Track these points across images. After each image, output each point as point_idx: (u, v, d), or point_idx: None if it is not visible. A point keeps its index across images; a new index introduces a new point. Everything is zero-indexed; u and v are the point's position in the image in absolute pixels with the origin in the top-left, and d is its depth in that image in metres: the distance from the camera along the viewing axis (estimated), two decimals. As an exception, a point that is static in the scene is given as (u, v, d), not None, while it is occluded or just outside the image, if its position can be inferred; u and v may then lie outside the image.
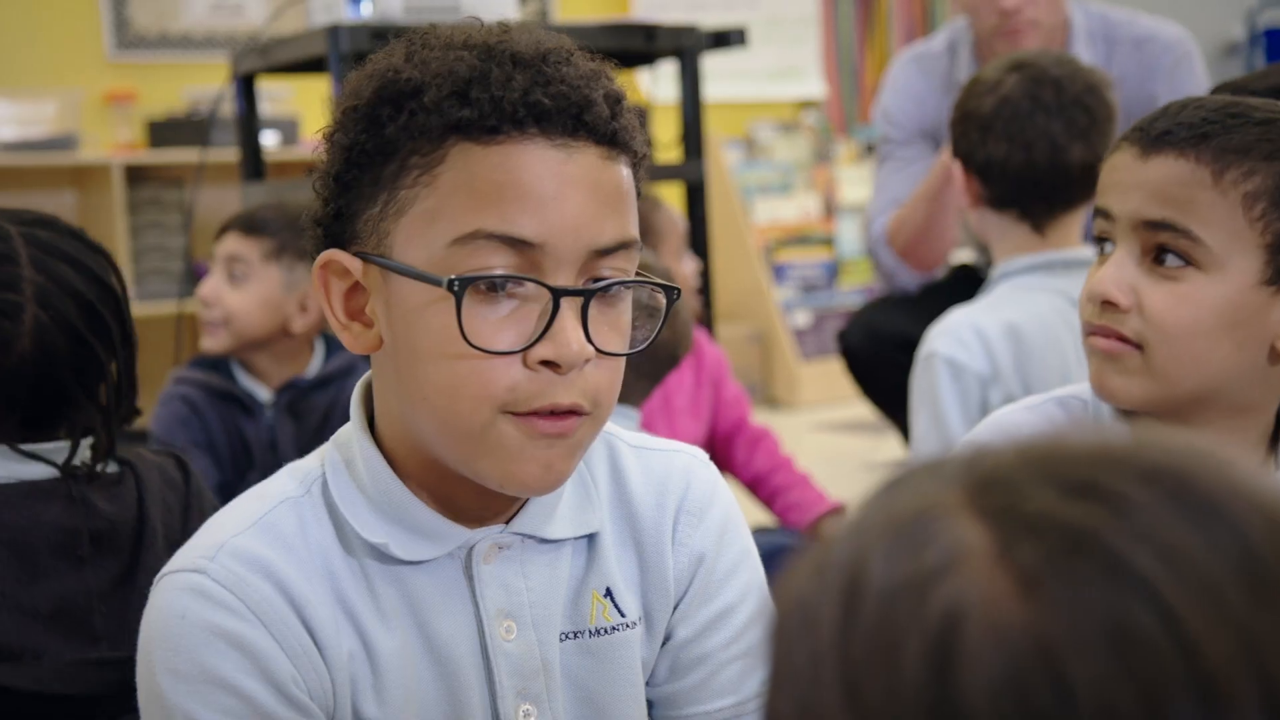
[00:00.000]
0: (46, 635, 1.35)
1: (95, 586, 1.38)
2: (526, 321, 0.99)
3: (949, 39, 3.15)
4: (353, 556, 1.05)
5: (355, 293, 1.05)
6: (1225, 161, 1.21)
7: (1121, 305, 1.26)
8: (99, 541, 1.40)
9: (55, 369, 1.40)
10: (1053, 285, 2.08)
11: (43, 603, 1.36)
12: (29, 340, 1.38)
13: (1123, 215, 1.26)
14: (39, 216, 1.45)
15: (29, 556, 1.36)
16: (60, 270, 1.41)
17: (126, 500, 1.43)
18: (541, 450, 1.01)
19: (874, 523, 0.52)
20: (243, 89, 3.27)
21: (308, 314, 2.52)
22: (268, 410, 2.56)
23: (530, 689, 1.08)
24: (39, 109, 4.60)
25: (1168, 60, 2.97)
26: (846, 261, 6.00)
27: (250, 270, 2.51)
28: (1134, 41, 2.99)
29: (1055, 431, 0.53)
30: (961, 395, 2.02)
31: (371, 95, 1.01)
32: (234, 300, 2.52)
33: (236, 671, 0.99)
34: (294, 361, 2.58)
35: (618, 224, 1.01)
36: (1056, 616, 0.46)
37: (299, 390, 2.56)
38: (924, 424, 2.05)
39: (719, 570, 1.14)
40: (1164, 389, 1.26)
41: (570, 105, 0.99)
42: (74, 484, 1.40)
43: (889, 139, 3.18)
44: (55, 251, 1.42)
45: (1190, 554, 0.47)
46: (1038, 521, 0.49)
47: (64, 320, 1.40)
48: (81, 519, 1.39)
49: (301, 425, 2.53)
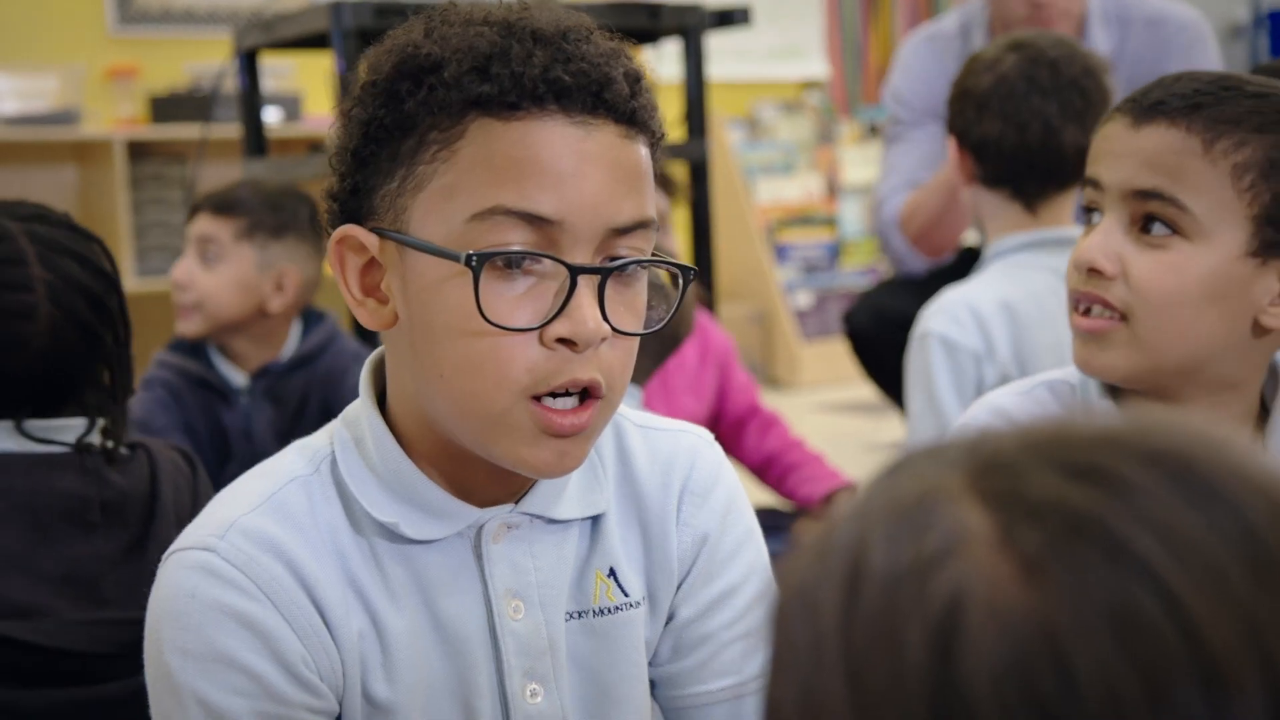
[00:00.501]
0: (55, 598, 1.37)
1: (105, 554, 1.41)
2: (543, 299, 0.99)
3: (962, 20, 3.12)
4: (362, 536, 1.05)
5: (371, 269, 1.05)
6: (1216, 132, 1.22)
7: (1107, 272, 1.26)
8: (110, 510, 1.43)
9: (68, 361, 1.43)
10: (1046, 263, 2.09)
11: (52, 566, 1.38)
12: (45, 338, 1.41)
13: (1112, 184, 1.27)
14: (35, 210, 1.47)
15: (40, 521, 1.39)
16: (66, 265, 1.43)
17: (139, 474, 1.46)
18: (556, 439, 1.01)
19: (876, 507, 0.52)
20: (245, 65, 3.26)
21: (284, 293, 2.48)
22: (243, 397, 2.52)
23: (537, 668, 1.08)
24: (41, 84, 4.59)
25: (1182, 40, 2.96)
26: (848, 242, 6.00)
27: (223, 251, 2.46)
28: (1147, 21, 2.98)
29: (1057, 416, 0.53)
30: (956, 373, 2.02)
31: (391, 70, 1.01)
32: (207, 282, 2.46)
33: (246, 651, 0.99)
34: (271, 342, 2.53)
35: (636, 203, 1.01)
36: (1059, 601, 0.46)
37: (274, 375, 2.52)
38: (919, 403, 2.06)
39: (722, 550, 1.15)
40: (1149, 360, 1.27)
41: (590, 83, 0.99)
42: (87, 456, 1.43)
43: (899, 120, 3.16)
44: (59, 247, 1.44)
45: (1192, 537, 0.47)
46: (1039, 506, 0.49)
47: (74, 314, 1.43)
48: (93, 488, 1.42)
49: (279, 409, 2.49)
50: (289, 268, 2.47)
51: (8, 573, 1.36)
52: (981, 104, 2.10)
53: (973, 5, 3.13)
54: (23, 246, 1.41)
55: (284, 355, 2.54)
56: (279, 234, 2.46)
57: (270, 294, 2.48)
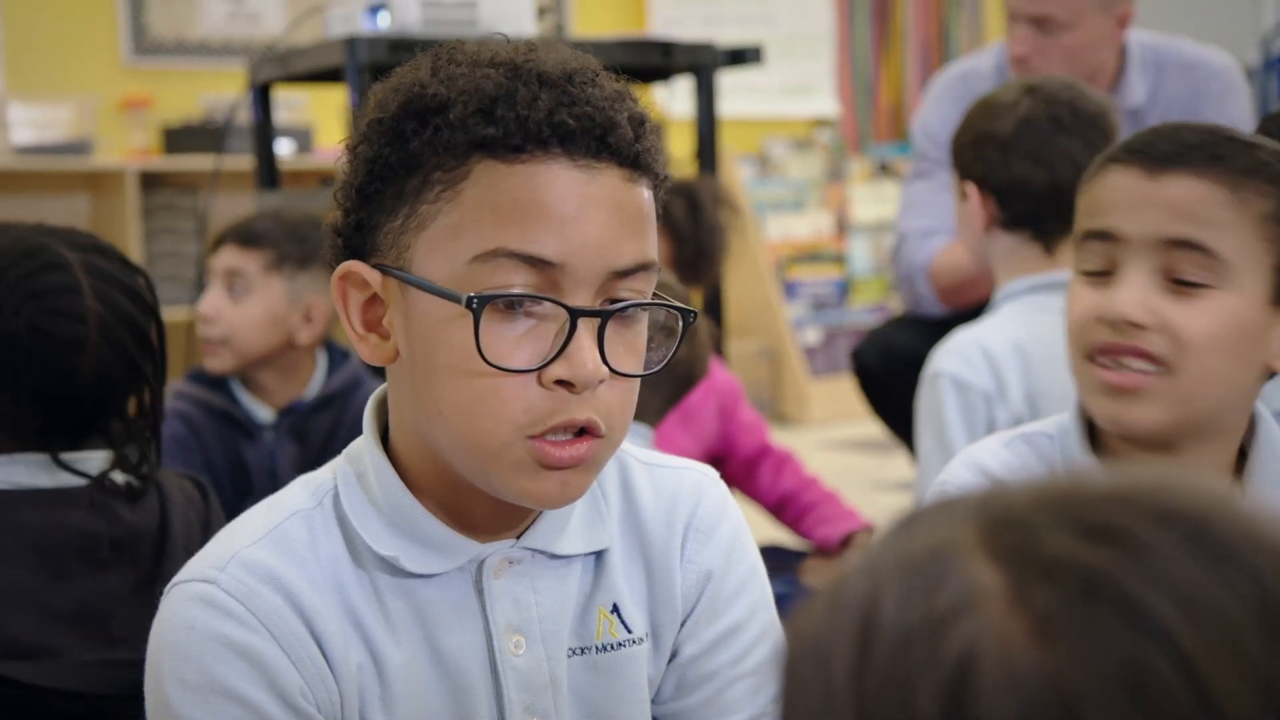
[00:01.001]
0: (65, 636, 1.37)
1: (115, 591, 1.40)
2: (543, 340, 1.00)
3: (997, 60, 3.09)
4: (363, 569, 1.06)
5: (373, 304, 1.05)
6: (1240, 181, 1.23)
7: (1145, 325, 1.26)
8: (119, 548, 1.42)
9: (111, 393, 1.44)
10: (1058, 305, 2.09)
11: (63, 604, 1.38)
12: (91, 371, 1.42)
13: (1136, 235, 1.26)
14: (90, 240, 1.47)
15: (51, 558, 1.39)
16: (117, 299, 1.44)
17: (149, 510, 1.46)
18: (555, 472, 1.01)
19: (887, 561, 0.52)
20: (259, 97, 3.28)
21: (312, 325, 2.44)
22: (268, 433, 2.48)
23: (538, 704, 1.08)
24: (55, 113, 4.61)
25: (1216, 87, 2.96)
26: (858, 280, 6.01)
27: (251, 284, 2.41)
28: (1182, 65, 2.98)
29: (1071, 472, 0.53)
30: (967, 413, 2.02)
31: (397, 109, 1.01)
32: (236, 316, 2.42)
33: (244, 682, 0.99)
34: (297, 376, 2.50)
35: (637, 246, 1.02)
36: (1072, 662, 0.46)
37: (300, 412, 2.48)
38: (929, 442, 2.05)
39: (727, 588, 1.15)
40: (1185, 412, 1.26)
41: (594, 126, 0.99)
42: (97, 492, 1.42)
43: (927, 156, 3.14)
44: (111, 279, 1.44)
45: (1207, 599, 0.47)
46: (1052, 564, 0.48)
47: (121, 349, 1.43)
48: (103, 525, 1.42)
49: (304, 447, 2.46)
50: (316, 298, 2.43)
51: (17, 611, 1.36)
52: (1006, 146, 2.11)
53: (1005, 45, 3.13)
54: (78, 277, 1.42)
55: (310, 391, 2.50)
56: (305, 264, 2.42)
57: (299, 326, 2.44)
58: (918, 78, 6.59)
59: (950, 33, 6.65)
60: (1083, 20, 2.84)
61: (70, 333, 1.40)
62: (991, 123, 2.14)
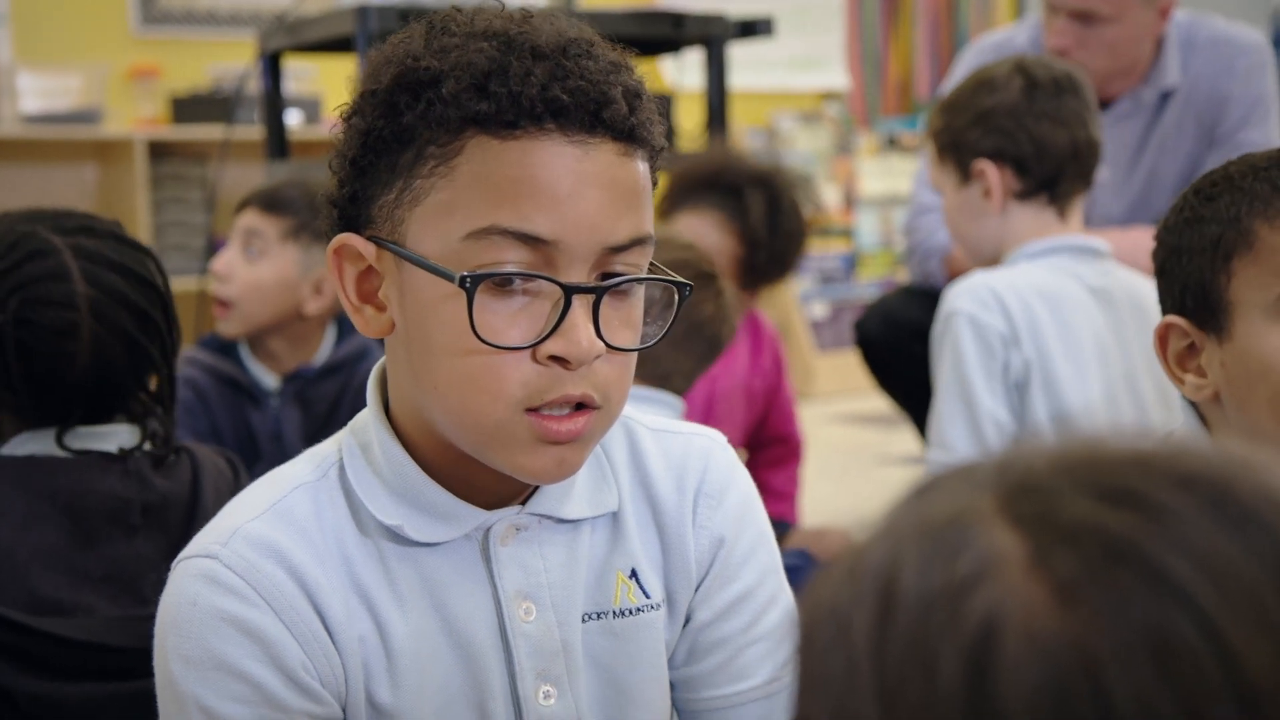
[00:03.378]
0: (96, 596, 1.39)
1: (146, 555, 1.42)
2: (538, 317, 1.00)
3: (1032, 35, 3.05)
4: (368, 540, 1.06)
5: (369, 276, 1.06)
6: None
7: None
8: (151, 513, 1.44)
9: (113, 374, 1.45)
10: (1070, 268, 2.13)
11: (95, 566, 1.40)
12: (88, 354, 1.42)
13: None
14: (81, 222, 1.47)
15: (83, 522, 1.40)
16: (110, 280, 1.44)
17: (181, 478, 1.48)
18: (553, 446, 1.01)
19: (907, 528, 0.52)
20: (268, 67, 3.27)
21: (322, 297, 2.47)
22: (274, 399, 2.51)
23: (550, 670, 1.08)
24: (64, 82, 4.60)
25: (1243, 63, 2.93)
26: (865, 254, 5.99)
27: (267, 247, 2.46)
28: (1211, 41, 2.95)
29: (1090, 437, 0.53)
30: (984, 352, 2.05)
31: (390, 81, 1.01)
32: (248, 276, 2.46)
33: (246, 658, 1.00)
34: (306, 345, 2.53)
35: (632, 220, 1.01)
36: (1095, 627, 0.46)
37: (306, 379, 2.51)
38: (947, 380, 2.08)
39: (738, 553, 1.15)
40: None
41: (588, 102, 0.99)
42: (130, 459, 1.44)
43: None
44: (103, 260, 1.44)
45: (1230, 562, 0.47)
46: (1073, 530, 0.48)
47: (118, 329, 1.44)
48: (135, 490, 1.43)
49: (308, 414, 2.48)
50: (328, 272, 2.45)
51: (51, 571, 1.38)
52: (1017, 114, 2.14)
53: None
54: (66, 262, 1.42)
55: (317, 360, 2.53)
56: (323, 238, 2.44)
57: (308, 297, 2.47)
58: (927, 52, 6.56)
59: (960, 7, 6.62)
60: (1126, 13, 2.80)
61: (61, 320, 1.41)
62: (994, 95, 2.16)
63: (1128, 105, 2.93)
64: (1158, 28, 2.88)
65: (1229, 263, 1.24)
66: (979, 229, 2.22)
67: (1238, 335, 1.25)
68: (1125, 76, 2.90)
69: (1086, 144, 2.16)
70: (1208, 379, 1.28)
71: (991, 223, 2.19)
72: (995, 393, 2.06)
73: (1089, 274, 2.13)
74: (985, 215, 2.18)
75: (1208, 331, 1.27)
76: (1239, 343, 1.25)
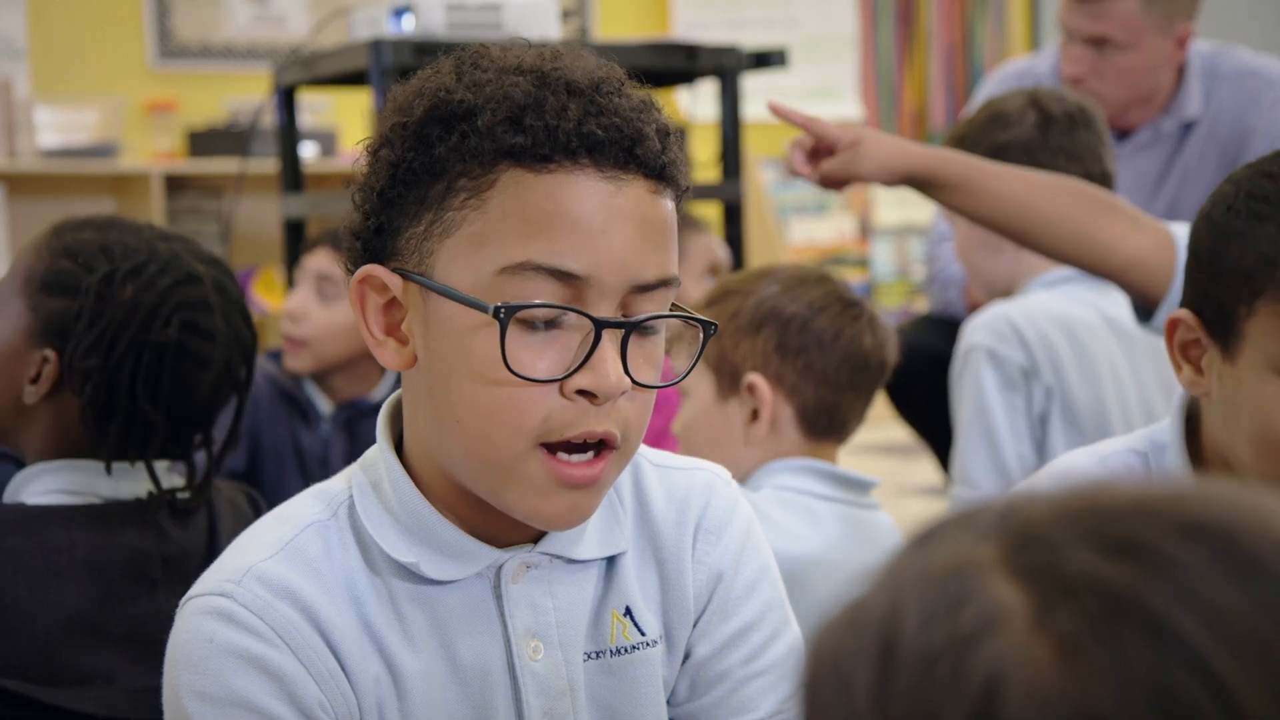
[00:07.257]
0: (118, 659, 1.36)
1: (166, 610, 1.40)
2: (566, 350, 0.99)
3: (1054, 63, 3.03)
4: (379, 579, 1.05)
5: (392, 308, 1.05)
6: None
7: None
8: (170, 566, 1.41)
9: (211, 414, 1.44)
10: (1085, 297, 2.13)
11: (116, 625, 1.37)
12: (209, 391, 1.42)
13: None
14: (212, 255, 1.46)
15: (104, 578, 1.37)
16: (237, 322, 1.44)
17: (198, 528, 1.45)
18: (568, 491, 1.01)
19: (907, 578, 0.51)
20: (283, 100, 3.28)
21: None
22: (325, 424, 2.54)
23: (557, 709, 1.08)
24: (81, 116, 4.63)
25: (1269, 95, 2.89)
26: (880, 283, 5.99)
27: (340, 290, 2.46)
28: (1236, 73, 2.92)
29: (1093, 483, 0.52)
30: (1006, 384, 2.06)
31: (422, 114, 1.01)
32: (323, 317, 2.48)
33: (264, 695, 0.99)
34: (366, 380, 2.55)
35: (660, 261, 1.02)
36: (1099, 684, 0.45)
37: (359, 409, 2.52)
38: (968, 416, 2.08)
39: (737, 587, 1.15)
40: None
41: (623, 138, 0.99)
42: (147, 509, 1.41)
43: None
44: (233, 301, 1.44)
45: (1235, 615, 0.46)
46: (1075, 583, 0.48)
47: (232, 372, 1.43)
48: (154, 543, 1.40)
49: (355, 444, 2.49)
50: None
51: (74, 637, 1.34)
52: (1031, 149, 2.14)
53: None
54: (207, 292, 1.41)
55: (374, 396, 2.55)
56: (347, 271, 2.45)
57: None
58: (941, 81, 6.57)
59: (974, 36, 6.63)
60: (1141, 41, 2.78)
61: (202, 351, 1.39)
62: (1009, 130, 2.16)
63: (1148, 135, 2.92)
64: (1176, 57, 2.86)
65: (1254, 300, 1.22)
66: (992, 262, 2.22)
67: (1241, 365, 1.23)
68: (1144, 106, 2.89)
69: (1101, 177, 2.15)
70: (1205, 378, 1.27)
71: (1004, 256, 2.19)
72: (1018, 426, 2.06)
73: (1104, 302, 2.13)
74: (998, 248, 2.18)
75: (1215, 341, 1.25)
76: (1240, 372, 1.23)
